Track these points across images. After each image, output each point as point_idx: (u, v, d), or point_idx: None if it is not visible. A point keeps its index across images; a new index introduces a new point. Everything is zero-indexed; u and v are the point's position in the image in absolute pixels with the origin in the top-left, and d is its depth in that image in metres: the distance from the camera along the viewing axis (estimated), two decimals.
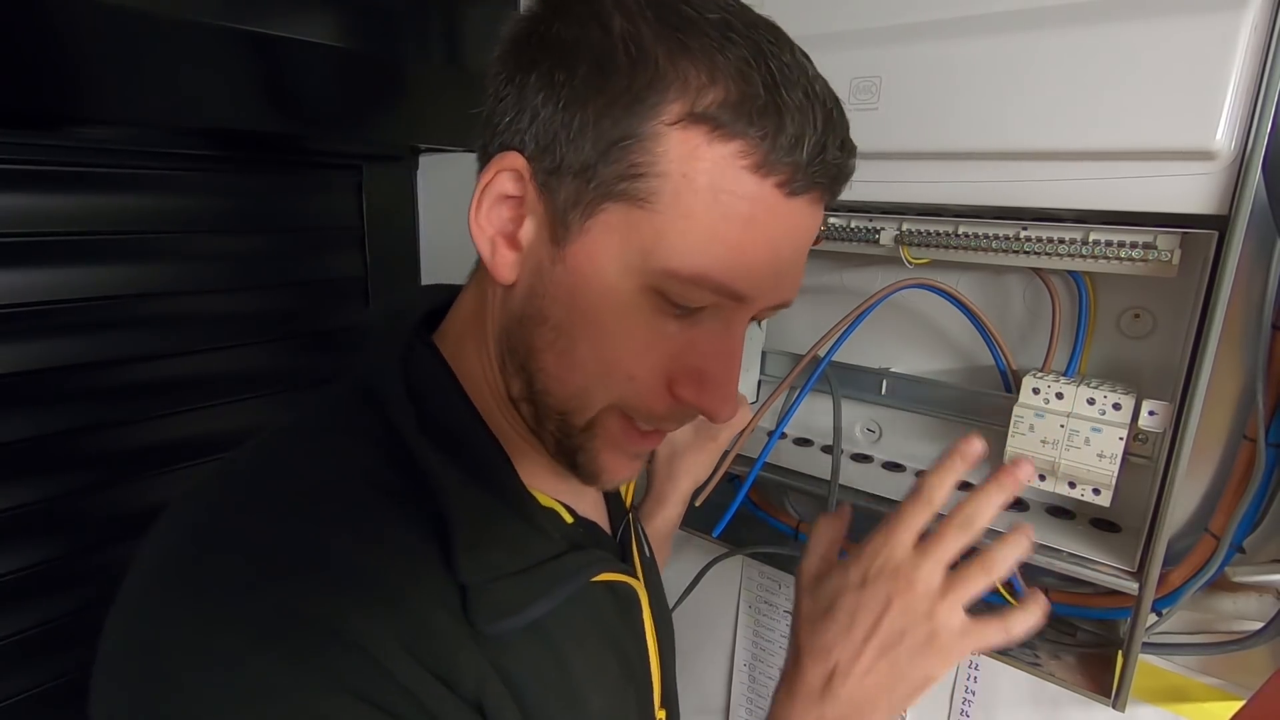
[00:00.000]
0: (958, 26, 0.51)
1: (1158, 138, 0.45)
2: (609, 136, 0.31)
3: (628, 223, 0.31)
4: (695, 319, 0.34)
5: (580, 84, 0.31)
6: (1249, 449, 0.52)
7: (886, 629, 0.39)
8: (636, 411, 0.36)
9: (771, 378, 0.76)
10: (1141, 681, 0.60)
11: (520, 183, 0.33)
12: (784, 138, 0.31)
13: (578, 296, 0.33)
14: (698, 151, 0.30)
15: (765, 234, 0.32)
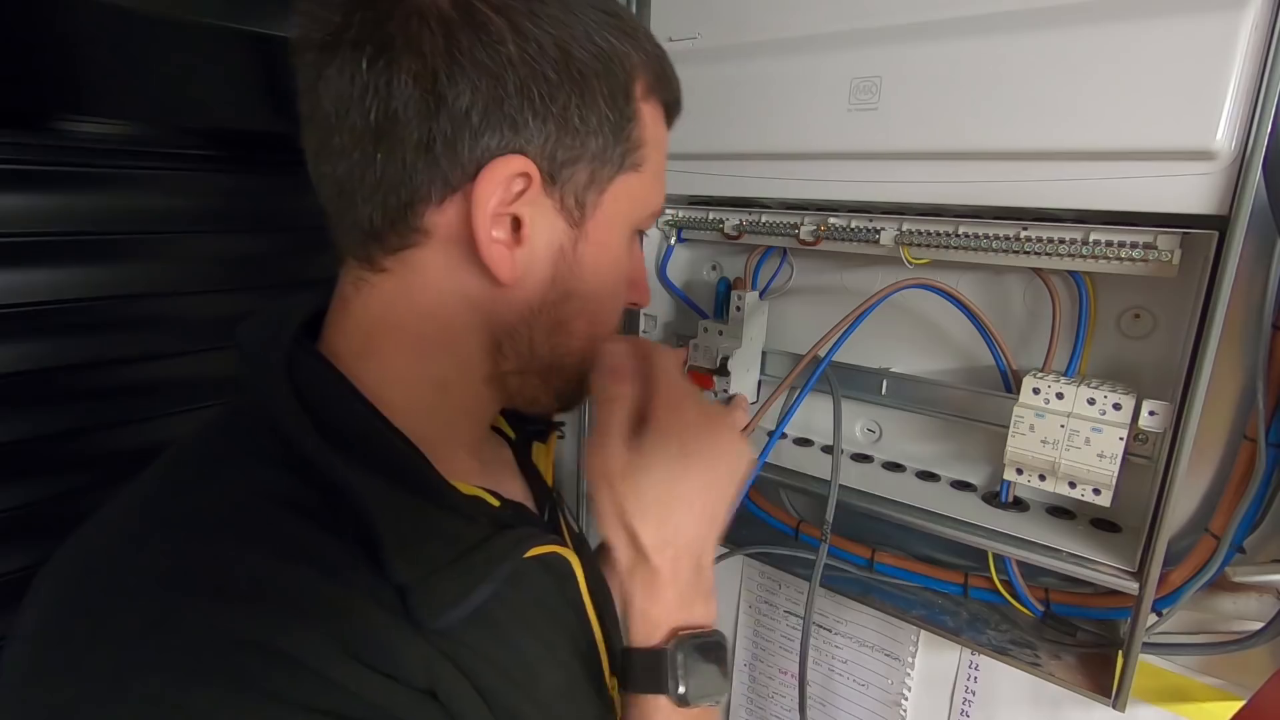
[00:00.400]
0: (958, 26, 0.51)
1: (1158, 138, 0.45)
2: (620, 124, 0.36)
3: (628, 188, 0.38)
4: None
5: (577, 79, 0.34)
6: (1249, 449, 0.52)
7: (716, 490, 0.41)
8: (613, 332, 0.43)
9: (772, 378, 0.76)
10: (1141, 681, 0.60)
11: (522, 180, 0.34)
12: (677, 94, 0.40)
13: (602, 262, 0.38)
14: (654, 117, 0.39)
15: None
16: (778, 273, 0.75)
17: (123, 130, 0.66)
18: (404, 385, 0.38)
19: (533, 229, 0.35)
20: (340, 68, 0.32)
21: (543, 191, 0.35)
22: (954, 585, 0.67)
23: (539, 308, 0.37)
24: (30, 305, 0.63)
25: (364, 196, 0.34)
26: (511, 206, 0.34)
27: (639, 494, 0.39)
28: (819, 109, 0.58)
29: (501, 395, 0.41)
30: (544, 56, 0.33)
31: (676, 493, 0.40)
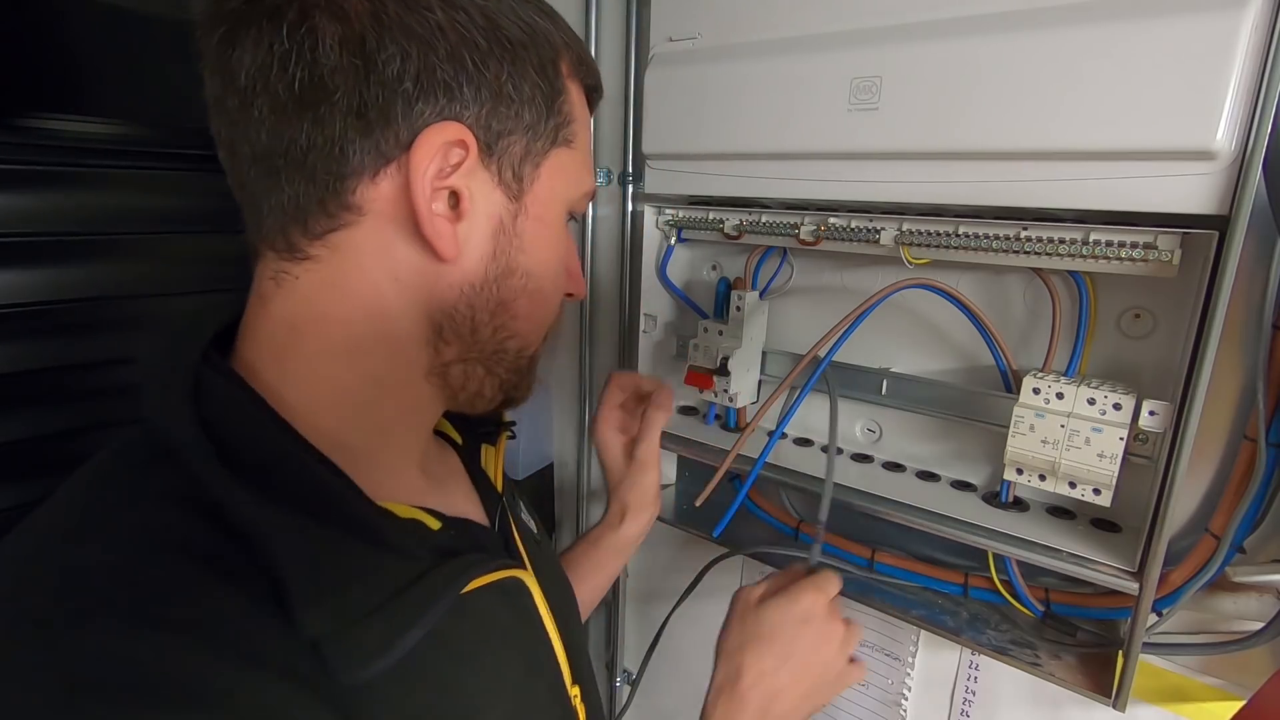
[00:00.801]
0: (958, 26, 0.51)
1: (1158, 138, 0.45)
2: (549, 96, 0.36)
3: (560, 163, 0.38)
4: None
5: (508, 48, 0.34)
6: (1249, 449, 0.52)
7: (816, 663, 0.50)
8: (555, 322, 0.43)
9: (772, 378, 0.76)
10: (1141, 681, 0.60)
11: (459, 151, 0.33)
12: (598, 79, 0.41)
13: (540, 238, 0.38)
14: (579, 97, 0.39)
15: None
16: (778, 273, 0.75)
17: (122, 130, 0.66)
18: (333, 390, 0.35)
19: (472, 202, 0.34)
20: (258, 37, 0.31)
21: (480, 163, 0.34)
22: (954, 585, 0.67)
23: (480, 285, 0.36)
24: (30, 305, 0.63)
25: (289, 174, 0.32)
26: (449, 179, 0.33)
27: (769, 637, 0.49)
28: (819, 109, 0.58)
29: (443, 392, 0.39)
30: (473, 24, 0.33)
31: (795, 652, 0.49)
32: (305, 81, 0.31)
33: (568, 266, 0.42)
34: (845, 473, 0.69)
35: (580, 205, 0.41)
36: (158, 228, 0.70)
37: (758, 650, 0.49)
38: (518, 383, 0.42)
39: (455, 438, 0.50)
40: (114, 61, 0.60)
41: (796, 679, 0.49)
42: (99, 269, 0.67)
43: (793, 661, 0.49)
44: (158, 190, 0.70)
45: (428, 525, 0.38)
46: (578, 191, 0.40)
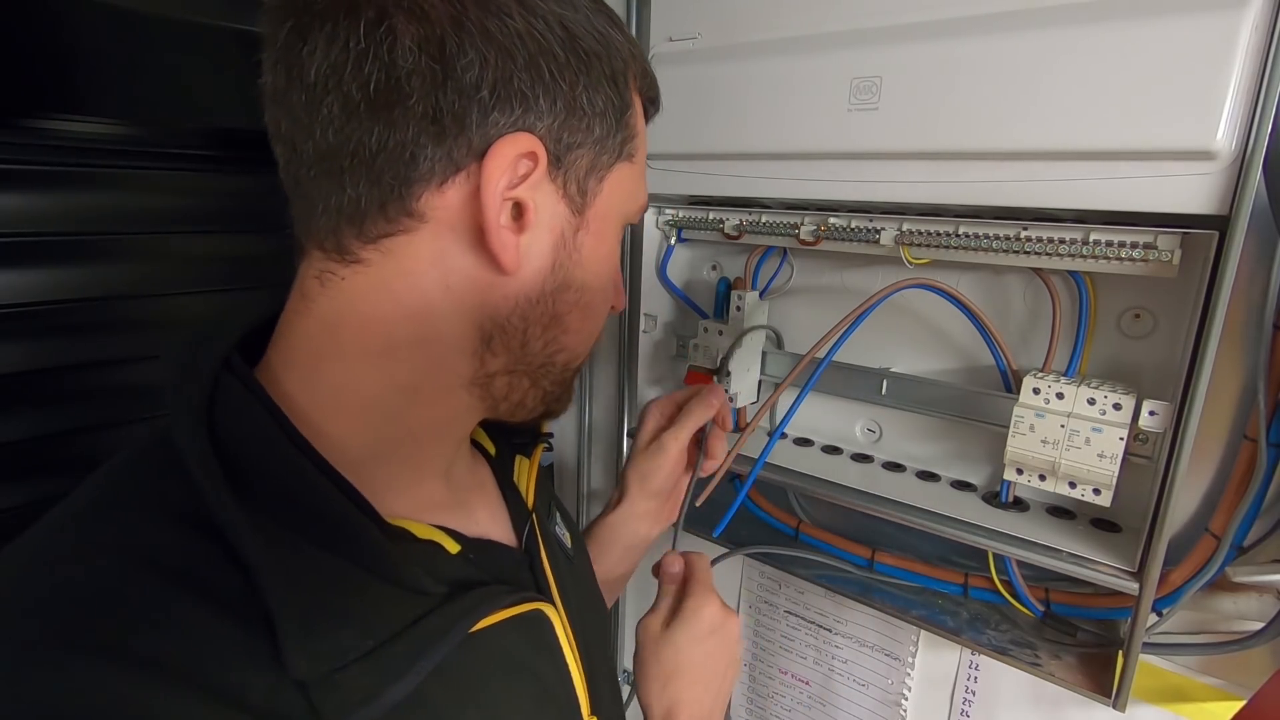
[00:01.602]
0: (958, 26, 0.51)
1: (1158, 138, 0.45)
2: (619, 110, 0.36)
3: (623, 177, 0.37)
4: None
5: (583, 60, 0.33)
6: (1249, 449, 0.52)
7: (727, 665, 0.52)
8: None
9: (772, 378, 0.76)
10: (1141, 681, 0.60)
11: (528, 162, 0.33)
12: (657, 92, 0.41)
13: (598, 251, 0.37)
14: (641, 111, 0.39)
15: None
16: (778, 273, 0.75)
17: (122, 130, 0.66)
18: (361, 396, 0.34)
19: (537, 215, 0.33)
20: (333, 33, 0.29)
21: (547, 175, 0.34)
22: (954, 585, 0.67)
23: (537, 298, 0.35)
24: (30, 305, 0.63)
25: (352, 175, 0.31)
26: (515, 190, 0.32)
27: (688, 664, 0.49)
28: (819, 109, 0.58)
29: (485, 402, 0.38)
30: (551, 33, 0.32)
31: (714, 668, 0.51)
32: (380, 83, 0.29)
33: (614, 280, 0.42)
34: (845, 473, 0.69)
35: (635, 219, 0.41)
36: (158, 228, 0.70)
37: (683, 682, 0.49)
38: (560, 394, 0.41)
39: (489, 448, 0.48)
40: (114, 61, 0.60)
41: (719, 691, 0.51)
42: (100, 269, 0.67)
43: (714, 678, 0.51)
44: (158, 190, 0.70)
45: (445, 549, 0.37)
46: (634, 205, 0.40)
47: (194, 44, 0.63)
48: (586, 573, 0.55)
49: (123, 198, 0.68)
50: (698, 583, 0.53)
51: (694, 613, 0.51)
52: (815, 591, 0.80)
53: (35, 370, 0.64)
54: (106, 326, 0.68)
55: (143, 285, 0.70)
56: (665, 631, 0.51)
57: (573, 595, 0.46)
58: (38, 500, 0.65)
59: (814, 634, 0.81)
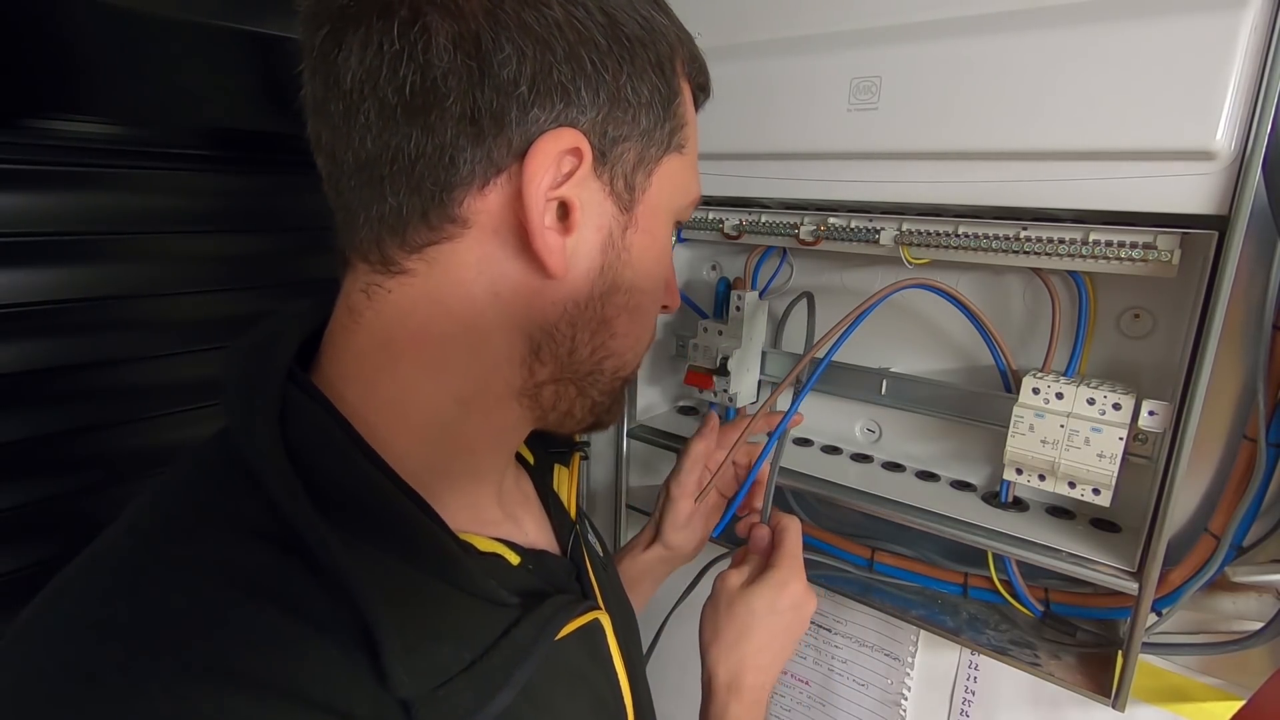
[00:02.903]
0: (958, 26, 0.51)
1: (1158, 138, 0.45)
2: (667, 100, 0.34)
3: (672, 170, 0.35)
4: None
5: (626, 49, 0.31)
6: (1249, 449, 0.52)
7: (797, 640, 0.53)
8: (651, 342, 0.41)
9: (772, 378, 0.76)
10: (1141, 681, 0.60)
11: (572, 159, 0.31)
12: (707, 77, 0.39)
13: (648, 251, 0.35)
14: (691, 100, 0.37)
15: None
16: (777, 273, 0.75)
17: (122, 130, 0.66)
18: (422, 412, 0.33)
19: (583, 214, 0.32)
20: (366, 36, 0.28)
21: (592, 172, 0.32)
22: (954, 585, 0.67)
23: (585, 302, 0.33)
24: (30, 305, 0.63)
25: (393, 184, 0.30)
26: (560, 189, 0.31)
27: (762, 629, 0.50)
28: (819, 109, 0.58)
29: (534, 412, 0.36)
30: (592, 21, 0.30)
31: (788, 641, 0.51)
32: (416, 85, 0.28)
33: (666, 279, 0.40)
34: (845, 473, 0.69)
35: (686, 214, 0.38)
36: (158, 228, 0.70)
37: (753, 645, 0.50)
38: (610, 405, 0.39)
39: (528, 457, 0.48)
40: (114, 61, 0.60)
41: (779, 666, 0.52)
42: (99, 269, 0.67)
43: (781, 652, 0.51)
44: (158, 190, 0.70)
45: (508, 560, 0.36)
46: (686, 199, 0.37)
47: (194, 44, 0.63)
48: (618, 582, 0.55)
49: (123, 198, 0.68)
50: (788, 555, 0.53)
51: (780, 584, 0.51)
52: (815, 591, 0.79)
53: (35, 370, 0.64)
54: (106, 326, 0.68)
55: (143, 285, 0.70)
56: (743, 591, 0.51)
57: (613, 604, 0.46)
58: (38, 500, 0.65)
59: (813, 634, 0.81)
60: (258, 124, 0.68)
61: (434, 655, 0.28)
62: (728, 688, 0.49)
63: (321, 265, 0.82)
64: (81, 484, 0.68)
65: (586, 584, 0.44)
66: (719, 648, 0.50)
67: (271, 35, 0.67)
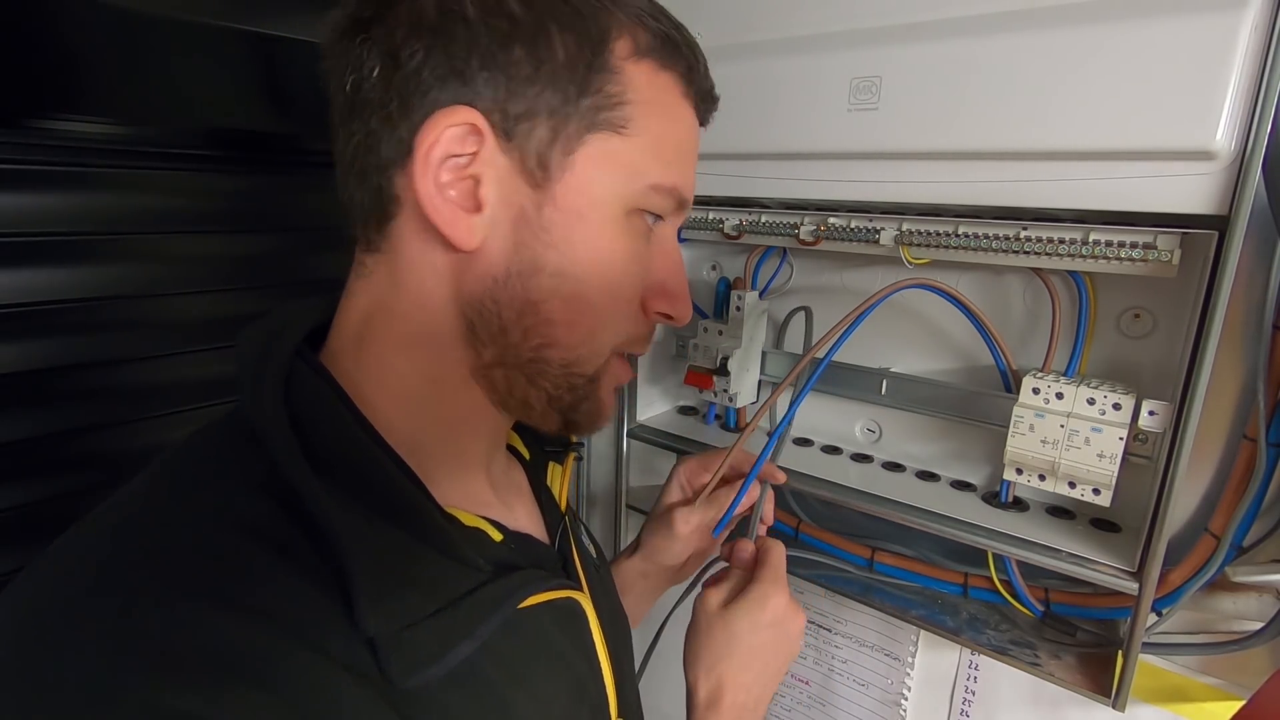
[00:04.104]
0: (958, 26, 0.51)
1: (1158, 138, 0.45)
2: (582, 73, 0.33)
3: (609, 150, 0.35)
4: (650, 238, 0.38)
5: (534, 30, 0.33)
6: (1249, 449, 0.52)
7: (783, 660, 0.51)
8: (632, 344, 0.40)
9: (771, 378, 0.76)
10: (1141, 681, 0.60)
11: (475, 137, 0.33)
12: (698, 69, 0.38)
13: (577, 233, 0.35)
14: (652, 80, 0.35)
15: (694, 149, 0.40)
16: (777, 273, 0.75)
17: (122, 130, 0.66)
18: (399, 385, 0.36)
19: (489, 189, 0.33)
20: (337, 53, 0.34)
21: (499, 149, 0.33)
22: (954, 585, 0.67)
23: (503, 279, 0.34)
24: (30, 305, 0.63)
25: (353, 170, 0.35)
26: (470, 168, 0.33)
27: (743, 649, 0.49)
28: (819, 109, 0.58)
29: (493, 396, 0.38)
30: (499, 10, 0.32)
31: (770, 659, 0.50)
32: (354, 87, 0.33)
33: (659, 283, 0.39)
34: (845, 473, 0.69)
35: (657, 204, 0.37)
36: (158, 228, 0.70)
37: (734, 664, 0.49)
38: (574, 405, 0.38)
39: (524, 453, 0.49)
40: (114, 61, 0.60)
41: (769, 682, 0.50)
42: (100, 269, 0.67)
43: (768, 668, 0.50)
44: (158, 190, 0.70)
45: (490, 536, 0.38)
46: (638, 184, 0.36)
47: (194, 44, 0.63)
48: (612, 585, 0.55)
49: (123, 198, 0.68)
50: (769, 569, 0.51)
51: (758, 600, 0.49)
52: (815, 591, 0.80)
53: (35, 370, 0.64)
54: (106, 326, 0.68)
55: (143, 285, 0.70)
56: (723, 611, 0.50)
57: (602, 600, 0.46)
58: (38, 500, 0.65)
59: (814, 634, 0.81)
60: (258, 124, 0.68)
61: (402, 601, 0.30)
62: (706, 705, 0.49)
63: (322, 265, 0.82)
64: (81, 484, 0.68)
65: (572, 572, 0.45)
66: (699, 669, 0.49)
67: (271, 35, 0.67)
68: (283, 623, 0.28)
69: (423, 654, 0.30)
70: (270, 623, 0.27)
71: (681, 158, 0.38)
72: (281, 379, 0.34)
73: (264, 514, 0.31)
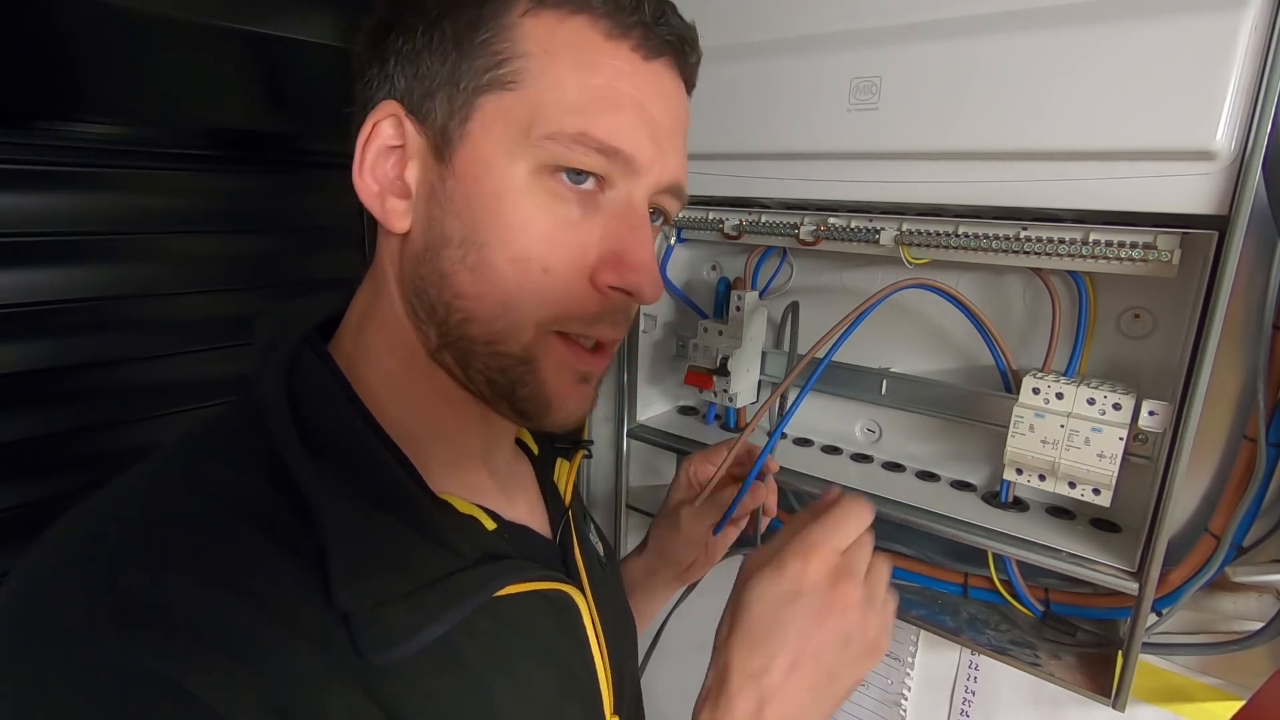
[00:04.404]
0: (958, 26, 0.51)
1: (1158, 138, 0.45)
2: (468, 39, 0.34)
3: (501, 109, 0.33)
4: (596, 204, 0.35)
5: (433, 13, 0.34)
6: (1249, 449, 0.52)
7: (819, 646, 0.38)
8: (569, 320, 0.35)
9: (771, 378, 0.76)
10: (1141, 681, 0.60)
11: (399, 127, 0.35)
12: (623, 6, 0.34)
13: (474, 199, 0.34)
14: (553, 30, 0.33)
15: (630, 93, 0.34)
16: (777, 273, 0.75)
17: (122, 130, 0.66)
18: (385, 369, 0.37)
19: (412, 173, 0.35)
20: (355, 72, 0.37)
21: (417, 133, 0.35)
22: (954, 585, 0.67)
23: (422, 255, 0.35)
24: (30, 305, 0.63)
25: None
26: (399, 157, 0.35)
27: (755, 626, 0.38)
28: (819, 109, 0.58)
29: (453, 380, 0.37)
30: (419, 7, 0.35)
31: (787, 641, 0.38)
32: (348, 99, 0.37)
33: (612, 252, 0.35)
34: (845, 473, 0.69)
35: (565, 156, 0.33)
36: (159, 228, 0.70)
37: (744, 644, 0.39)
38: (511, 388, 0.36)
39: (533, 448, 0.49)
40: (114, 61, 0.60)
41: (798, 672, 0.38)
42: (100, 269, 0.67)
43: (786, 653, 0.38)
44: (159, 190, 0.70)
45: (483, 524, 0.38)
46: (534, 136, 0.33)
47: (194, 44, 0.63)
48: (618, 584, 0.54)
49: (123, 198, 0.68)
50: (812, 526, 0.40)
51: (778, 567, 0.39)
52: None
53: (35, 370, 0.64)
54: (106, 326, 0.68)
55: (143, 285, 0.70)
56: (750, 580, 0.40)
57: (604, 597, 0.46)
58: (38, 500, 0.66)
59: None
60: (258, 124, 0.68)
61: (377, 580, 0.31)
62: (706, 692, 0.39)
63: (322, 265, 0.82)
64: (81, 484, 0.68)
65: (572, 567, 0.44)
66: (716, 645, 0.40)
67: (271, 35, 0.67)
68: (261, 598, 0.29)
69: (394, 632, 0.31)
70: (249, 597, 0.29)
71: (610, 105, 0.34)
72: (286, 364, 0.35)
73: (259, 493, 0.32)
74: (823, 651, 0.38)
